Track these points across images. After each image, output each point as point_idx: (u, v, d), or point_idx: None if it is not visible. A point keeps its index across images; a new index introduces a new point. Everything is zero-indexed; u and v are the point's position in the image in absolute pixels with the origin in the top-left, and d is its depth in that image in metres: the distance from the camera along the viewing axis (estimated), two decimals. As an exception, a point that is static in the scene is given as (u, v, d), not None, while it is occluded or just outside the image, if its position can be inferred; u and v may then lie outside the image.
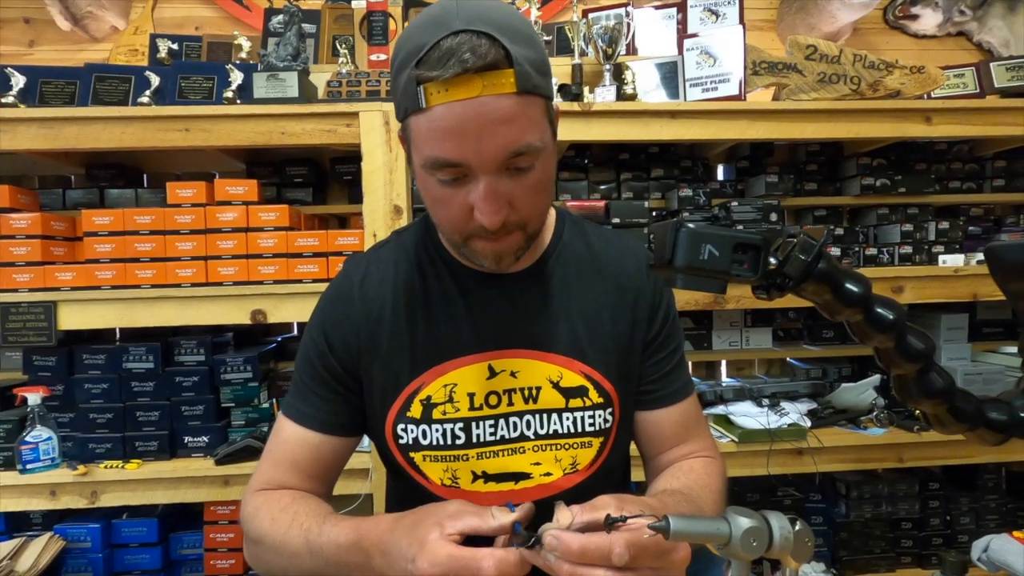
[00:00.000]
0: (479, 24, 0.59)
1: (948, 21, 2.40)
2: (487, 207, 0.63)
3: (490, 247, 0.68)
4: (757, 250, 0.50)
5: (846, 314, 0.52)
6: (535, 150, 0.63)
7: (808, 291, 0.50)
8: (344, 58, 1.64)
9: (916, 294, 1.68)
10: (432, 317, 0.76)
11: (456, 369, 0.75)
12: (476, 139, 0.60)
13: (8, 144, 1.51)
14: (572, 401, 0.76)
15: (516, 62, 0.60)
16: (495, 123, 0.60)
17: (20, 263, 1.52)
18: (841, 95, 1.68)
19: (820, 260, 0.50)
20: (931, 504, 1.83)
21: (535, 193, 0.66)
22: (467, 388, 0.75)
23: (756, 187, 1.91)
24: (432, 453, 0.75)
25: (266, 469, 0.79)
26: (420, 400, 0.75)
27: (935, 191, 1.92)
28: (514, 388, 0.75)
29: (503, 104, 0.60)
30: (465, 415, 0.75)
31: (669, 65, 1.76)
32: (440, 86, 0.59)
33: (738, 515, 0.52)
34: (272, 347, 1.83)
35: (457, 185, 0.64)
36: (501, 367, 0.75)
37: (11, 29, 2.25)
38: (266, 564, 0.74)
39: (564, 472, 0.77)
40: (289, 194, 1.83)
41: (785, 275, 0.49)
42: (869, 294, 0.52)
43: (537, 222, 0.71)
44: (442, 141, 0.61)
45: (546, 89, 0.65)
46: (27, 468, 1.49)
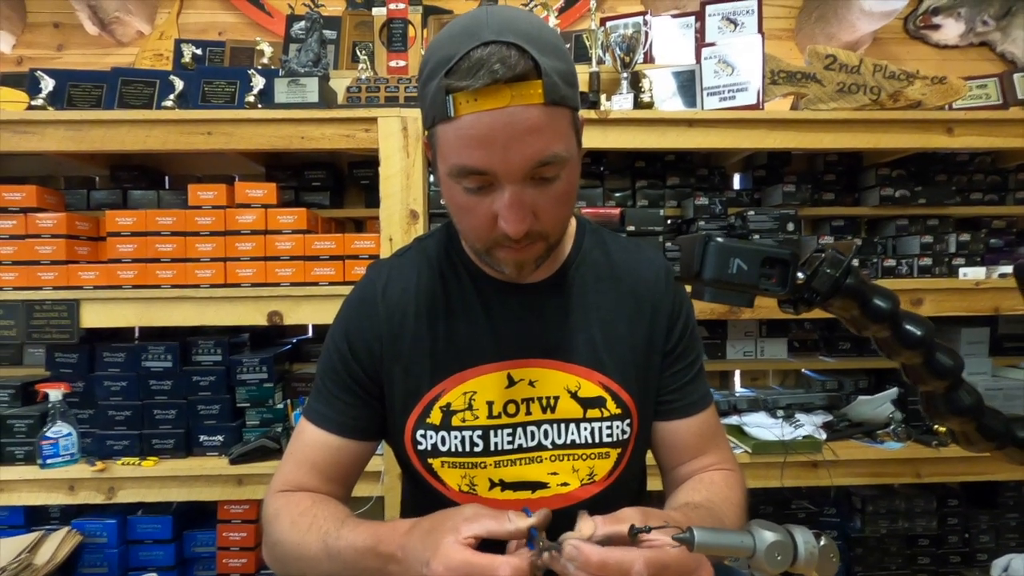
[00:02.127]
0: (509, 35, 0.60)
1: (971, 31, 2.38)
2: (512, 216, 0.63)
3: (512, 256, 0.68)
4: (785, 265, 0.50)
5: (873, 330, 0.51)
6: (561, 160, 0.64)
7: (836, 306, 0.50)
8: (364, 64, 1.66)
9: (936, 307, 1.65)
10: (453, 325, 0.77)
11: (476, 377, 0.75)
12: (503, 148, 0.61)
13: (36, 145, 1.55)
14: (590, 411, 0.76)
15: (544, 73, 0.60)
16: (523, 133, 0.60)
17: (45, 262, 1.56)
18: (861, 105, 1.67)
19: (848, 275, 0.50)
20: (949, 521, 1.80)
21: (559, 204, 0.67)
22: (486, 396, 0.75)
23: (773, 196, 1.89)
24: (450, 460, 0.76)
25: (288, 471, 0.80)
26: (440, 407, 0.75)
27: (956, 203, 1.89)
28: (532, 397, 0.76)
29: (531, 114, 0.60)
30: (484, 423, 0.75)
31: (687, 74, 1.76)
32: (469, 96, 0.59)
33: (763, 528, 0.51)
34: (287, 348, 1.85)
35: (482, 193, 0.65)
36: (520, 376, 0.76)
37: (41, 33, 2.30)
38: (284, 566, 0.74)
39: (581, 483, 0.77)
40: (307, 197, 1.86)
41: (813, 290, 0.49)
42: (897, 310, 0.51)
43: (559, 232, 0.72)
44: (470, 150, 0.61)
45: (573, 100, 0.66)
46: (47, 463, 1.52)
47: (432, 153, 0.69)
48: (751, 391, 1.98)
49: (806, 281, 0.49)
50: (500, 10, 0.63)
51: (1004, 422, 0.54)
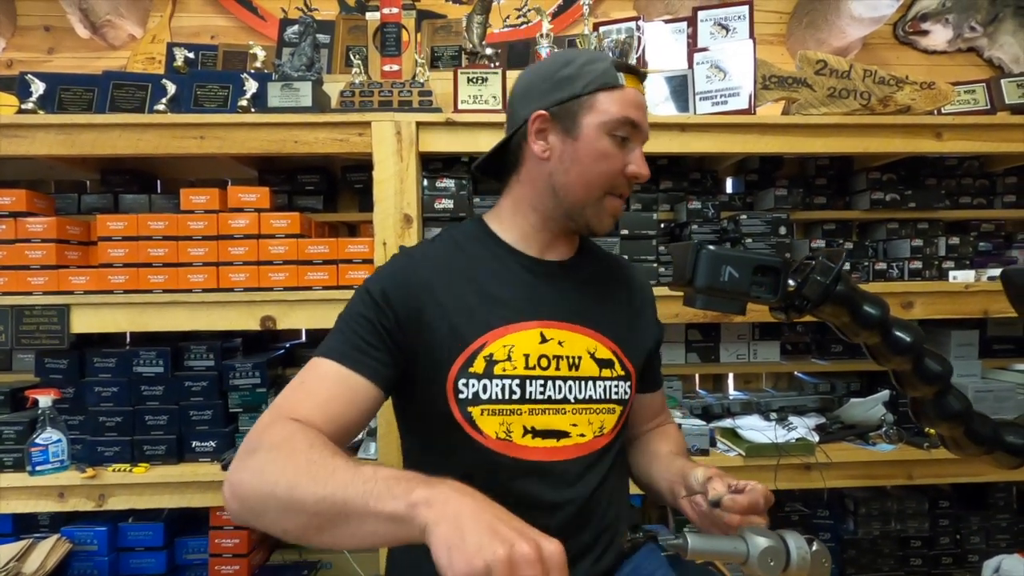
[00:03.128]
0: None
1: (958, 37, 2.41)
2: (644, 163, 0.87)
3: (618, 206, 0.89)
4: (776, 272, 0.51)
5: (864, 336, 0.52)
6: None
7: (826, 313, 0.51)
8: (357, 68, 1.66)
9: (926, 310, 1.67)
10: (494, 286, 0.87)
11: (514, 332, 0.85)
12: (644, 117, 0.88)
13: (27, 150, 1.54)
14: (604, 371, 0.90)
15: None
16: (646, 113, 0.89)
17: (35, 266, 1.54)
18: (851, 110, 1.69)
19: (839, 282, 0.51)
20: (941, 522, 1.81)
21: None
22: (523, 350, 0.85)
23: (765, 200, 1.91)
24: (490, 407, 0.83)
25: (298, 401, 0.75)
26: (484, 356, 0.83)
27: (945, 206, 1.91)
28: (561, 355, 0.87)
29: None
30: (521, 373, 0.84)
31: (679, 78, 1.77)
32: (633, 77, 0.88)
33: (755, 534, 0.52)
34: (281, 353, 1.84)
35: (623, 145, 0.86)
36: (550, 335, 0.87)
37: (31, 36, 2.29)
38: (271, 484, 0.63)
39: (594, 434, 0.89)
40: (300, 201, 1.85)
41: (804, 297, 0.50)
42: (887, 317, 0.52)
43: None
44: (632, 109, 0.85)
45: None
46: (36, 470, 1.50)
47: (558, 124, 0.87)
48: (744, 394, 1.99)
49: (797, 288, 0.50)
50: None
51: (992, 427, 0.55)
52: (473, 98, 1.68)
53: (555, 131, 0.87)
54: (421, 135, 1.56)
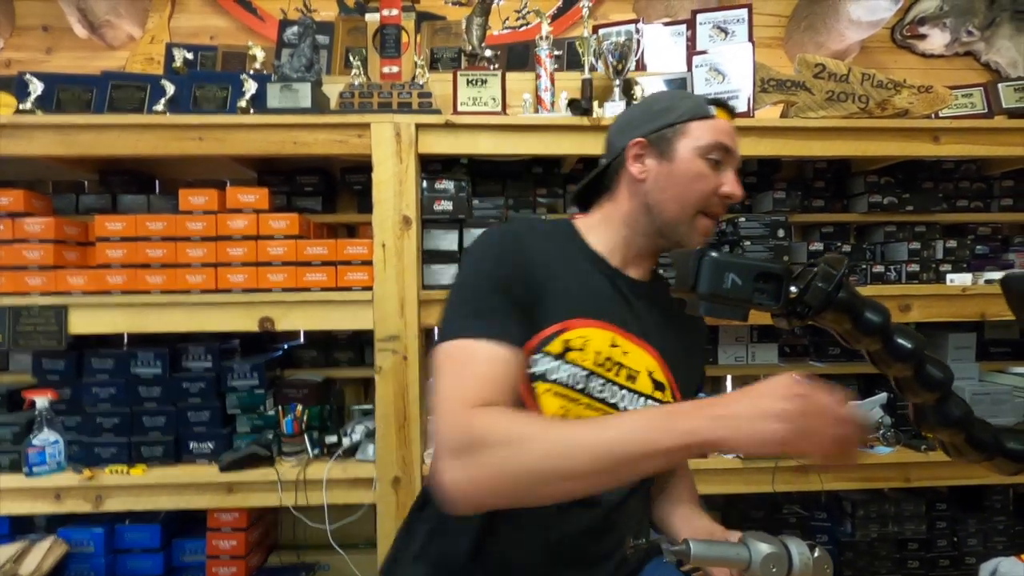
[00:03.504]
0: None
1: (956, 41, 2.42)
2: (738, 185, 0.91)
3: (710, 225, 0.92)
4: (779, 279, 0.51)
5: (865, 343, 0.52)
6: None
7: (828, 319, 0.51)
8: (357, 70, 1.66)
9: (923, 312, 1.67)
10: (583, 281, 0.91)
11: (593, 327, 0.88)
12: (735, 145, 0.92)
13: (25, 150, 1.53)
14: (656, 392, 0.91)
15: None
16: (736, 139, 0.93)
17: (33, 267, 1.54)
18: (849, 113, 1.69)
19: (840, 289, 0.51)
20: (938, 525, 1.81)
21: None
22: (596, 346, 0.87)
23: (764, 203, 1.91)
24: (556, 388, 0.85)
25: (470, 388, 0.75)
26: (563, 339, 0.86)
27: (943, 209, 1.92)
28: (623, 364, 0.89)
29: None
30: (590, 367, 0.87)
31: (678, 81, 1.77)
32: (725, 111, 0.93)
33: (758, 540, 0.52)
34: (278, 355, 1.84)
35: (716, 168, 0.90)
36: (619, 343, 0.89)
37: (29, 36, 2.28)
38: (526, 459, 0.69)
39: None
40: (299, 202, 1.85)
41: (806, 304, 0.50)
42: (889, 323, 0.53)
43: None
44: (723, 136, 0.91)
45: None
46: (33, 471, 1.50)
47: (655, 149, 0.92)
48: (742, 396, 1.99)
49: (799, 295, 0.51)
50: None
51: (993, 433, 0.55)
52: (472, 100, 1.68)
53: (651, 155, 0.93)
54: (420, 137, 1.56)
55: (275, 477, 1.52)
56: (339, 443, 1.62)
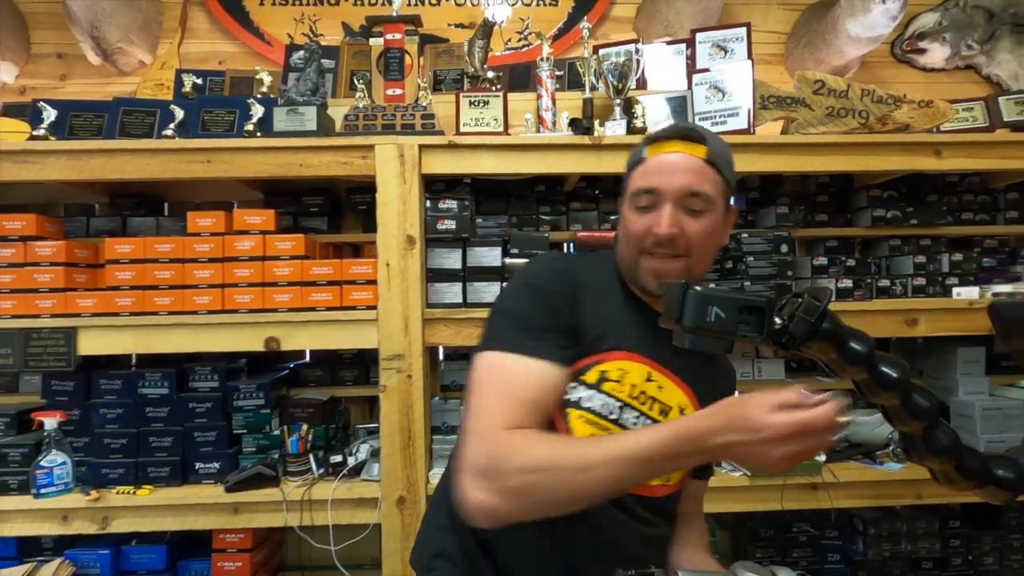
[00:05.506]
0: (691, 126, 0.94)
1: (956, 55, 2.43)
2: (665, 220, 0.85)
3: (654, 264, 0.87)
4: (762, 312, 0.52)
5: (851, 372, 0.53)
6: (707, 199, 0.86)
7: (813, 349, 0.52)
8: (361, 92, 1.69)
9: (931, 327, 1.66)
10: (626, 314, 0.92)
11: (630, 361, 0.89)
12: (670, 176, 0.86)
13: (38, 175, 1.57)
14: None
15: (709, 143, 0.87)
16: (684, 170, 0.86)
17: (43, 289, 1.57)
18: (849, 129, 1.70)
19: (824, 320, 0.52)
20: (952, 543, 1.78)
21: (703, 233, 0.87)
22: (632, 380, 0.88)
23: (766, 218, 1.91)
24: (588, 416, 0.86)
25: (500, 411, 0.79)
26: (599, 369, 0.87)
27: (947, 222, 1.91)
28: (656, 399, 0.89)
29: (693, 161, 0.86)
30: (624, 399, 0.88)
31: (678, 99, 1.79)
32: (656, 145, 0.89)
33: (746, 570, 0.52)
34: (284, 374, 1.84)
35: (647, 212, 0.87)
36: (655, 378, 0.90)
37: (44, 63, 2.34)
38: (545, 489, 0.73)
39: (662, 482, 0.91)
40: (305, 223, 1.87)
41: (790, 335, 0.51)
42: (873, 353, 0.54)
43: (699, 263, 0.89)
44: (649, 176, 0.87)
45: (728, 174, 0.90)
46: (41, 492, 1.50)
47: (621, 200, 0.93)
48: (749, 412, 1.97)
49: (783, 326, 0.51)
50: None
51: (983, 461, 0.55)
52: (475, 121, 1.70)
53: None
54: (424, 157, 1.58)
55: (280, 497, 1.52)
56: (344, 462, 1.62)
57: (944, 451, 0.53)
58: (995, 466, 0.54)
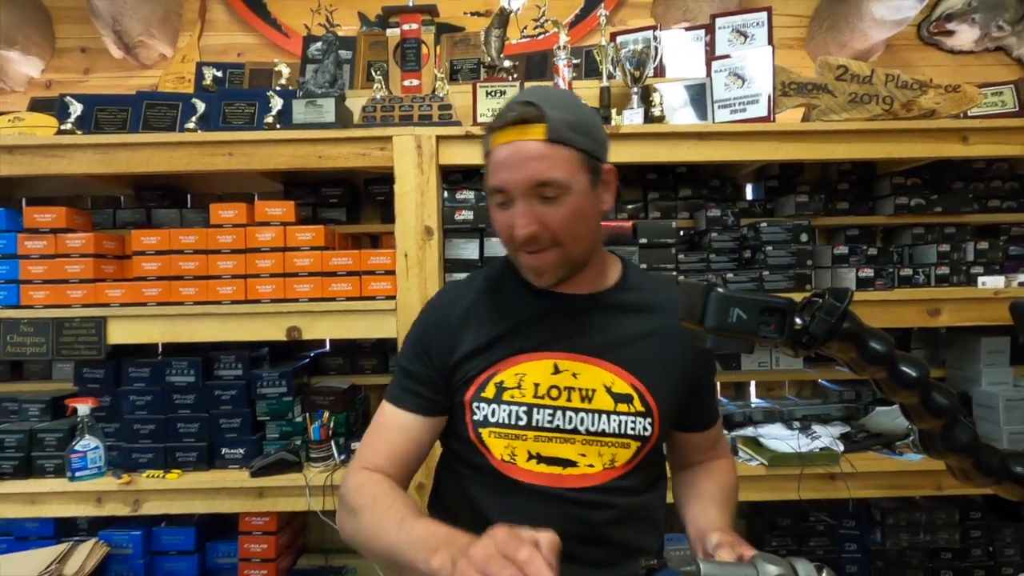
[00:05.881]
0: (532, 98, 0.83)
1: (986, 36, 2.35)
2: (519, 220, 0.82)
3: (531, 260, 0.85)
4: (783, 313, 0.54)
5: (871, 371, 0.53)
6: (560, 184, 0.81)
7: (834, 349, 0.53)
8: (378, 84, 1.70)
9: (954, 316, 1.64)
10: (513, 320, 0.91)
11: (527, 362, 0.89)
12: (512, 170, 0.82)
13: (66, 168, 1.61)
14: (620, 406, 0.89)
15: (548, 119, 0.80)
16: (526, 159, 0.81)
17: (74, 280, 1.61)
18: (873, 115, 1.67)
19: (845, 320, 0.53)
20: (972, 534, 1.77)
21: (567, 219, 0.83)
22: (534, 379, 0.88)
23: (786, 207, 1.89)
24: (497, 430, 0.88)
25: (368, 451, 0.91)
26: (495, 383, 0.88)
27: (973, 210, 1.87)
28: (574, 387, 0.88)
29: (533, 147, 0.81)
30: (529, 401, 0.88)
31: (697, 87, 1.77)
32: (497, 134, 0.84)
33: (766, 562, 0.53)
34: (306, 363, 1.88)
35: (506, 208, 0.84)
36: (565, 367, 0.89)
37: (68, 57, 2.39)
38: (354, 530, 0.83)
39: (604, 467, 0.89)
40: (324, 213, 1.90)
41: (811, 335, 0.51)
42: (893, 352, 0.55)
43: (575, 246, 0.85)
44: (495, 173, 0.84)
45: (581, 143, 0.83)
46: (76, 476, 1.56)
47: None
48: (767, 402, 1.97)
49: (804, 326, 0.52)
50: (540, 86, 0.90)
51: (1000, 458, 0.56)
52: (492, 111, 1.70)
53: None
54: (441, 148, 1.59)
55: (303, 482, 1.56)
56: (365, 449, 1.65)
57: (963, 448, 0.54)
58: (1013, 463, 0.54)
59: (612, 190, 0.90)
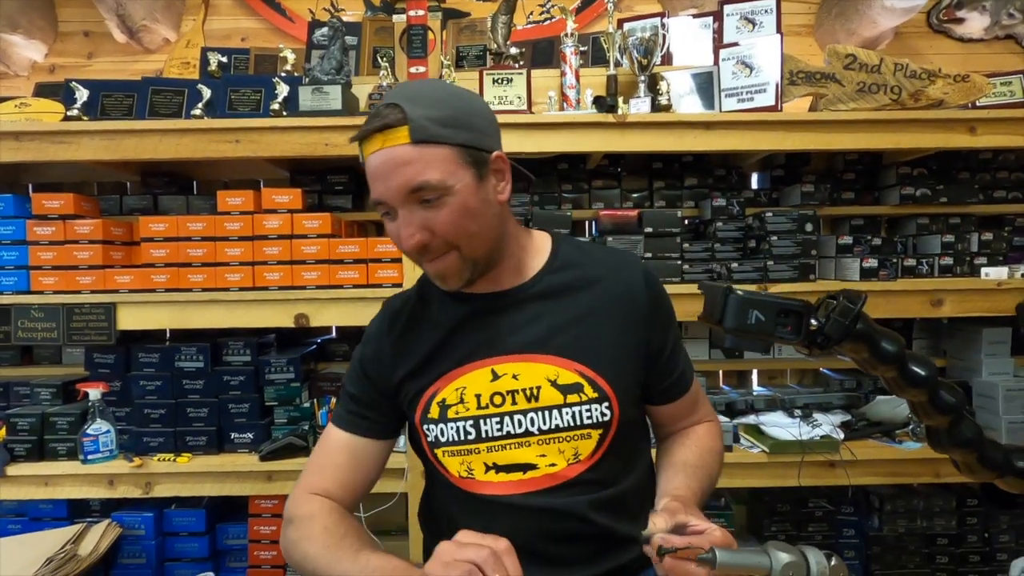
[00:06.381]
0: (396, 99, 0.77)
1: (996, 24, 2.33)
2: (403, 231, 0.78)
3: (431, 267, 0.82)
4: (799, 315, 0.56)
5: (881, 370, 0.55)
6: (434, 187, 0.76)
7: (847, 349, 0.55)
8: (385, 71, 1.70)
9: (957, 307, 1.65)
10: (443, 335, 0.88)
11: (465, 374, 0.86)
12: (385, 180, 0.77)
13: (73, 155, 1.61)
14: (569, 397, 0.85)
15: (411, 119, 0.75)
16: (395, 167, 0.76)
17: (83, 266, 1.63)
18: (881, 105, 1.66)
19: (858, 322, 0.54)
20: (968, 520, 1.80)
21: (455, 221, 0.78)
22: (474, 390, 0.86)
23: (792, 196, 1.89)
24: (449, 448, 0.86)
25: (313, 474, 0.90)
26: (437, 403, 0.86)
27: (979, 201, 1.88)
28: (516, 389, 0.85)
29: (399, 152, 0.75)
30: (474, 413, 0.85)
31: (704, 75, 1.76)
32: (365, 144, 0.78)
33: (778, 550, 0.56)
34: (313, 349, 1.90)
35: (392, 219, 0.79)
36: (503, 371, 0.85)
37: (72, 42, 2.38)
38: (302, 559, 0.83)
39: (568, 463, 0.85)
40: (330, 201, 1.90)
41: (825, 335, 0.53)
42: (903, 352, 0.57)
43: (473, 246, 0.81)
44: (372, 185, 0.78)
45: (454, 138, 0.77)
46: (88, 459, 1.59)
47: None
48: (768, 390, 1.99)
49: (819, 327, 0.54)
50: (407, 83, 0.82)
51: (1004, 452, 0.58)
52: (498, 99, 1.70)
53: None
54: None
55: (312, 467, 1.59)
56: (372, 434, 1.68)
57: (968, 443, 0.57)
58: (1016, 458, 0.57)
59: (506, 178, 0.83)
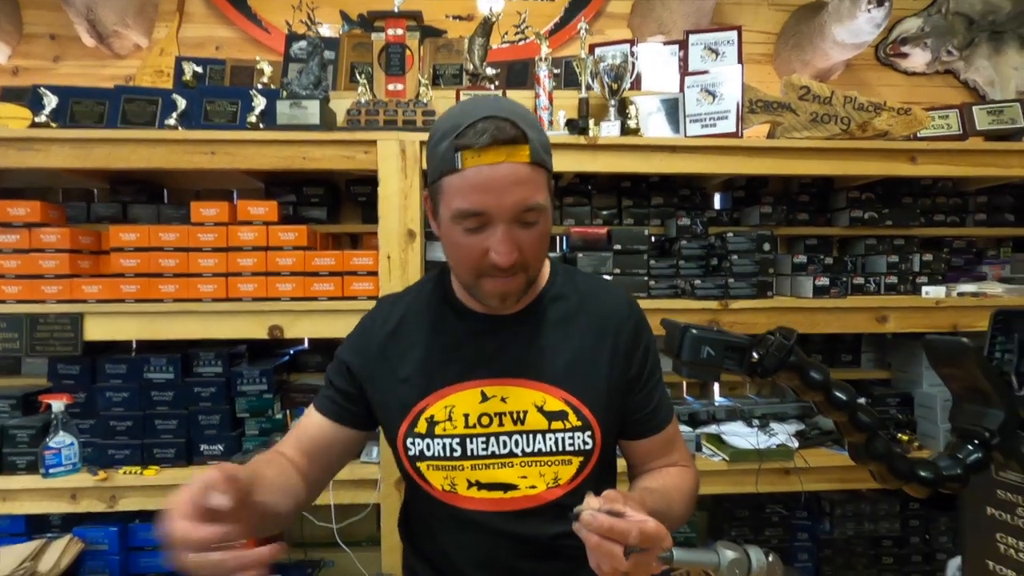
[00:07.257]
0: (502, 113, 0.79)
1: (936, 60, 2.52)
2: (503, 248, 0.79)
3: (499, 286, 0.83)
4: (743, 350, 0.67)
5: (811, 395, 0.66)
6: (541, 208, 0.80)
7: (782, 377, 0.66)
8: (363, 87, 1.73)
9: (899, 323, 1.77)
10: (439, 349, 0.91)
11: (455, 393, 0.89)
12: (498, 194, 0.77)
13: (41, 162, 1.59)
14: (554, 423, 0.88)
15: (530, 140, 0.78)
16: (514, 183, 0.78)
17: (49, 275, 1.60)
18: (832, 134, 1.78)
19: (791, 355, 0.67)
20: (911, 523, 1.92)
21: (539, 244, 0.83)
22: (463, 409, 0.88)
23: (751, 216, 2.00)
24: (434, 463, 0.88)
25: (284, 444, 0.94)
26: (425, 418, 0.89)
27: (920, 224, 2.02)
28: (504, 411, 0.88)
29: (520, 170, 0.78)
30: (461, 432, 0.88)
31: (671, 101, 1.85)
32: (474, 152, 0.76)
33: (726, 548, 0.66)
34: (285, 360, 1.90)
35: (478, 233, 0.80)
36: (493, 393, 0.89)
37: (37, 44, 2.33)
38: None
39: (547, 486, 0.89)
40: (305, 212, 1.91)
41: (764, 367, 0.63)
42: (828, 381, 0.70)
43: (537, 269, 0.87)
44: (473, 195, 0.78)
45: (549, 164, 0.83)
46: (49, 472, 1.56)
47: (432, 204, 0.85)
48: (729, 400, 2.09)
49: (759, 360, 0.63)
50: (492, 97, 0.85)
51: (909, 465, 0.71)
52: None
53: (434, 210, 0.85)
54: (425, 153, 1.63)
55: (284, 478, 1.59)
56: (344, 445, 1.69)
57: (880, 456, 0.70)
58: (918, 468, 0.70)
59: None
